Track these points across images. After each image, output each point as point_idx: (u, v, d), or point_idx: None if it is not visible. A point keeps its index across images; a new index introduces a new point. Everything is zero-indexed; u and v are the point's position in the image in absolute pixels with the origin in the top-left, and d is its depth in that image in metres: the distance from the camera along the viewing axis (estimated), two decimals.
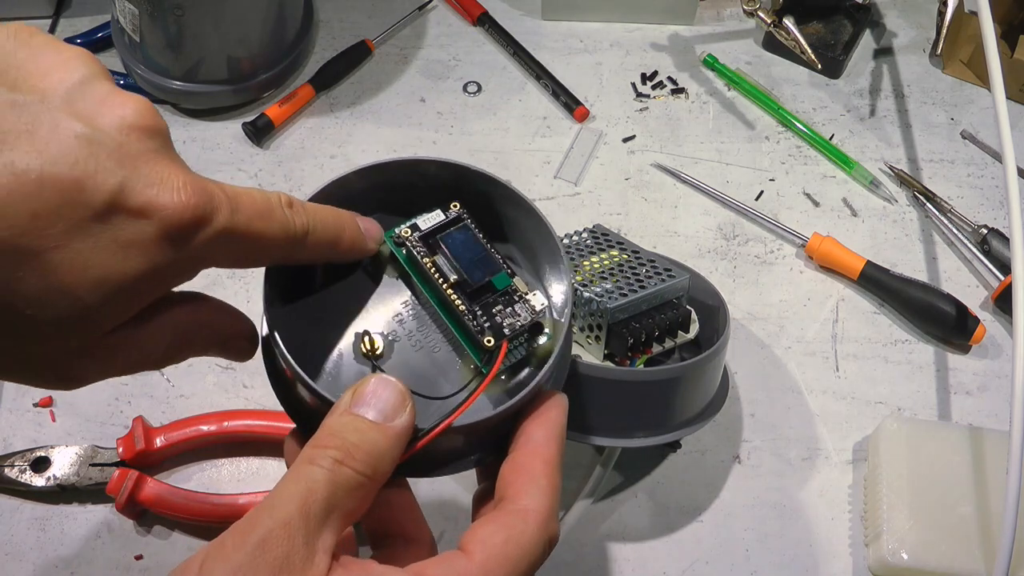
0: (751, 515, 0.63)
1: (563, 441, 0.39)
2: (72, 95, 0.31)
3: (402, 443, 0.36)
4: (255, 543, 0.31)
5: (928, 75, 0.83)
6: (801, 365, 0.69)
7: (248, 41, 0.75)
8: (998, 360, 0.69)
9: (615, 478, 0.63)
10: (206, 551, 0.32)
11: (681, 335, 0.60)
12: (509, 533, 0.35)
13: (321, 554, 0.32)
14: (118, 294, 0.32)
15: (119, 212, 0.30)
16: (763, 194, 0.76)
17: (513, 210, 0.43)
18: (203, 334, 0.39)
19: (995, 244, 0.72)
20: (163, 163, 0.32)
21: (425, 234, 0.41)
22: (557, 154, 0.78)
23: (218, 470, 0.64)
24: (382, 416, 0.35)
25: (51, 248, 0.30)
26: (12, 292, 0.30)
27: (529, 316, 0.40)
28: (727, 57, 0.83)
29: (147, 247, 0.31)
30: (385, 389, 0.36)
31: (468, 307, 0.39)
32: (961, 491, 0.59)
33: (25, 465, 0.61)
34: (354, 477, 0.34)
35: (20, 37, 0.32)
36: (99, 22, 0.82)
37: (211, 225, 0.32)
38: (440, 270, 0.40)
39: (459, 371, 0.41)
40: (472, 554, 0.34)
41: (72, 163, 0.30)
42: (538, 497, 0.36)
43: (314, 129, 0.79)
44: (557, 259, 0.42)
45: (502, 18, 0.85)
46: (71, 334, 0.32)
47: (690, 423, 0.57)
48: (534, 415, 0.39)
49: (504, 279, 0.40)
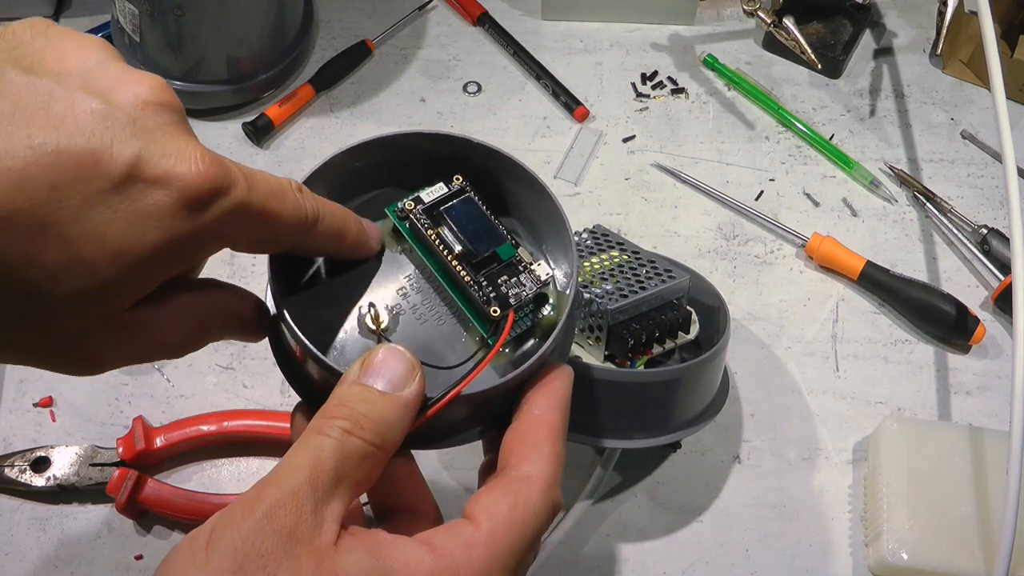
0: (751, 515, 0.63)
1: (566, 411, 0.39)
2: (88, 75, 0.32)
3: (411, 412, 0.36)
4: (263, 512, 0.31)
5: (928, 75, 0.83)
6: (801, 365, 0.69)
7: (248, 41, 0.75)
8: (998, 360, 0.69)
9: (615, 478, 0.63)
10: (214, 520, 0.32)
11: (681, 336, 0.60)
12: (514, 500, 0.35)
13: (330, 523, 0.32)
14: (137, 266, 0.32)
15: (136, 183, 0.31)
16: (763, 194, 0.76)
17: (516, 183, 0.43)
18: (220, 317, 0.39)
19: (995, 244, 0.72)
20: (179, 136, 0.32)
21: (429, 206, 0.41)
22: (557, 154, 0.78)
23: (218, 470, 0.64)
24: (391, 386, 0.35)
25: (70, 220, 0.30)
26: (32, 265, 0.30)
27: (535, 286, 0.40)
28: (727, 57, 0.83)
29: (165, 217, 0.31)
30: (394, 359, 0.36)
31: (473, 278, 0.39)
32: (961, 491, 0.59)
33: (25, 465, 0.61)
34: (363, 446, 0.34)
35: (37, 28, 0.33)
36: (99, 22, 0.82)
37: (228, 197, 0.32)
38: (444, 242, 0.40)
39: (464, 343, 0.40)
40: (478, 522, 0.35)
41: (88, 136, 0.30)
42: (541, 464, 0.37)
43: (314, 129, 0.79)
44: (561, 230, 0.42)
45: (502, 18, 0.85)
46: (90, 308, 0.32)
47: (690, 424, 0.57)
48: (538, 385, 0.39)
49: (509, 249, 0.40)
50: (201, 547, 0.31)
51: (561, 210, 0.41)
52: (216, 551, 0.31)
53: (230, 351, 0.68)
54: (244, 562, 0.30)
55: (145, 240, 0.31)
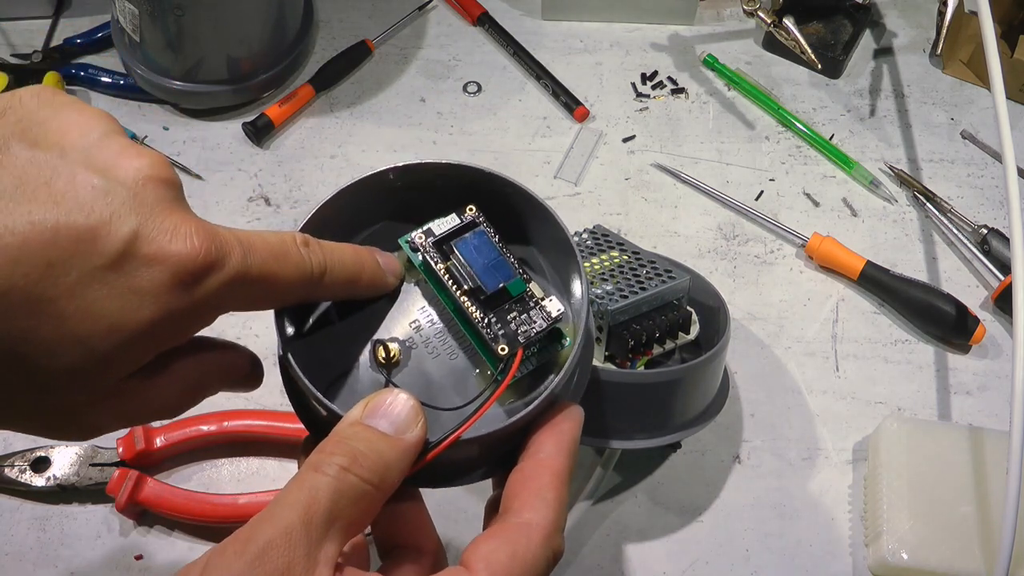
0: (751, 515, 0.63)
1: (574, 454, 0.38)
2: (90, 149, 0.32)
3: (411, 456, 0.35)
4: (256, 552, 0.31)
5: (928, 75, 0.83)
6: (801, 365, 0.69)
7: (248, 41, 0.75)
8: (998, 360, 0.69)
9: (615, 478, 0.63)
10: (207, 557, 0.32)
11: (682, 336, 0.60)
12: (514, 549, 0.35)
13: (322, 566, 0.32)
14: (131, 341, 0.32)
15: (132, 259, 0.31)
16: (763, 194, 0.76)
17: (528, 212, 0.42)
18: (215, 377, 0.39)
19: (995, 244, 0.72)
20: (177, 213, 0.32)
21: (439, 240, 0.40)
22: (557, 154, 0.78)
23: (218, 470, 0.64)
24: (393, 428, 0.35)
25: (65, 296, 0.30)
26: (27, 342, 0.30)
27: (545, 322, 0.39)
28: (727, 57, 0.83)
29: (159, 294, 0.31)
30: (398, 403, 0.36)
31: (482, 315, 0.39)
32: (961, 491, 0.59)
33: (25, 465, 0.61)
34: (359, 485, 0.33)
35: (43, 97, 0.33)
36: (99, 22, 0.82)
37: (223, 270, 0.33)
38: (454, 277, 0.39)
39: (476, 378, 0.40)
40: (475, 572, 0.34)
41: (88, 212, 0.30)
42: (543, 511, 0.36)
43: (314, 129, 0.79)
44: (573, 264, 0.41)
45: (502, 18, 0.85)
46: (85, 383, 0.32)
47: (691, 424, 0.57)
48: (546, 426, 0.38)
49: (519, 285, 0.39)
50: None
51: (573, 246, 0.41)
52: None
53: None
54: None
55: (140, 315, 0.31)
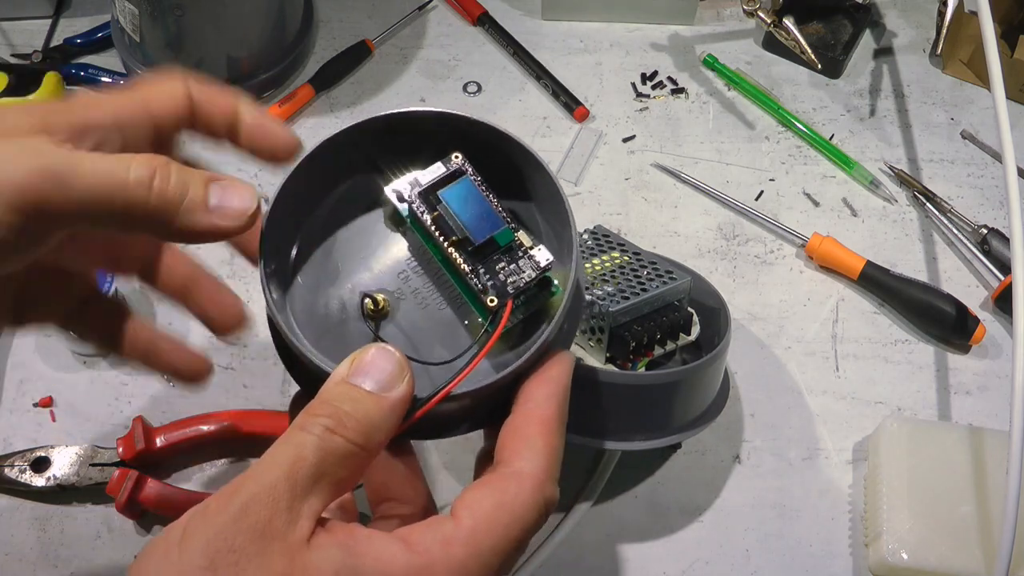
0: (751, 515, 0.63)
1: (564, 401, 0.38)
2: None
3: (398, 414, 0.35)
4: (238, 507, 0.31)
5: (928, 75, 0.83)
6: (801, 365, 0.69)
7: (248, 41, 0.75)
8: (998, 360, 0.69)
9: (615, 479, 0.63)
10: (190, 515, 0.32)
11: (682, 337, 0.60)
12: (500, 498, 0.35)
13: (305, 519, 0.32)
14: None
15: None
16: (763, 194, 0.76)
17: (516, 161, 0.41)
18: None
19: (995, 244, 0.72)
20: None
21: (425, 189, 0.39)
22: (557, 154, 0.78)
23: (218, 470, 0.64)
24: (379, 386, 0.35)
25: None
26: None
27: (534, 272, 0.38)
28: (727, 57, 0.83)
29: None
30: (383, 359, 0.35)
31: (471, 266, 0.38)
32: (961, 491, 0.59)
33: (25, 465, 0.61)
34: (345, 445, 0.33)
35: None
36: (99, 22, 0.82)
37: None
38: (441, 227, 0.38)
39: (466, 329, 0.39)
40: (460, 519, 0.34)
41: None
42: (532, 459, 0.36)
43: (314, 129, 0.79)
44: (561, 211, 0.40)
45: (502, 18, 0.85)
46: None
47: (691, 426, 0.57)
48: (535, 375, 0.38)
49: (507, 235, 0.38)
50: (175, 542, 0.31)
51: (563, 195, 0.40)
52: (189, 547, 0.31)
53: (230, 351, 0.68)
54: (216, 558, 0.30)
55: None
